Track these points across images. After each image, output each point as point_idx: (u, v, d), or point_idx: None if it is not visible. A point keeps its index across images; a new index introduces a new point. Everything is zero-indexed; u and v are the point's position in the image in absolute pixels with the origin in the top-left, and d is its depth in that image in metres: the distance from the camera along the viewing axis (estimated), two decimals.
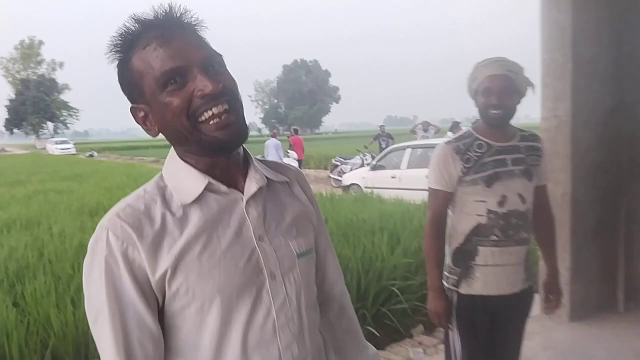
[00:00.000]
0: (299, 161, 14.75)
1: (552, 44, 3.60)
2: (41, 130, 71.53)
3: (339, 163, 15.22)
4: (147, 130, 0.92)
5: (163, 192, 0.91)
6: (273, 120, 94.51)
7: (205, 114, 0.83)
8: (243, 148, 0.96)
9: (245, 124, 0.89)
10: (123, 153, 40.65)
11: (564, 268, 3.73)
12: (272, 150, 14.31)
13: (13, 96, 70.67)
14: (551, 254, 2.29)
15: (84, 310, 0.87)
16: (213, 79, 0.83)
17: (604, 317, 3.83)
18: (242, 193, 0.92)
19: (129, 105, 0.92)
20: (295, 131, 16.33)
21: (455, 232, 2.08)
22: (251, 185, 0.92)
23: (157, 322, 0.86)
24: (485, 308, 2.04)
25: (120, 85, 0.91)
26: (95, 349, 0.87)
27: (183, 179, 0.91)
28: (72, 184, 12.71)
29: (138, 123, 0.92)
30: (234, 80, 0.88)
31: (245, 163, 0.96)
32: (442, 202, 2.08)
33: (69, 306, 3.16)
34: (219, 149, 0.87)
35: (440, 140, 11.10)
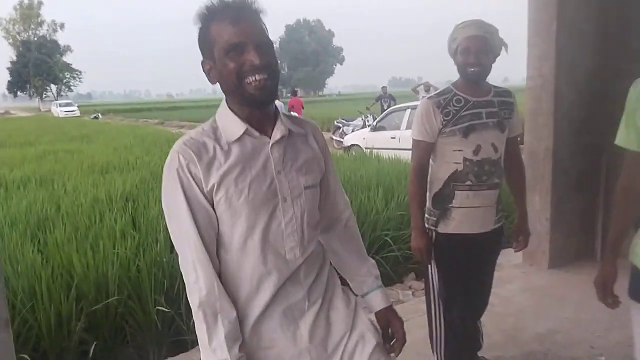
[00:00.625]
0: None
1: (538, 3, 3.76)
2: (45, 92, 71.41)
3: (341, 125, 15.37)
4: (209, 79, 1.27)
5: (215, 131, 1.27)
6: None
7: (250, 77, 1.18)
8: (275, 106, 1.31)
9: (276, 90, 1.25)
10: (127, 115, 40.81)
11: (544, 218, 4.01)
12: None
13: (15, 58, 70.27)
14: (521, 199, 2.55)
15: (103, 255, 1.22)
16: (262, 57, 1.18)
17: (581, 265, 4.11)
18: (270, 138, 1.28)
19: (133, 68, 1.24)
20: (294, 93, 16.49)
21: (436, 178, 2.34)
22: (277, 133, 1.28)
23: (214, 215, 1.24)
24: (461, 245, 2.32)
25: (198, 43, 1.26)
26: (117, 287, 1.19)
27: (229, 123, 1.27)
28: (80, 145, 13.02)
29: (204, 72, 1.27)
30: (275, 58, 1.24)
31: (275, 117, 1.31)
32: (424, 151, 2.33)
33: (88, 252, 3.47)
34: (254, 103, 1.22)
35: None
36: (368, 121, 13.80)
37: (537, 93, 3.86)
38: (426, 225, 2.38)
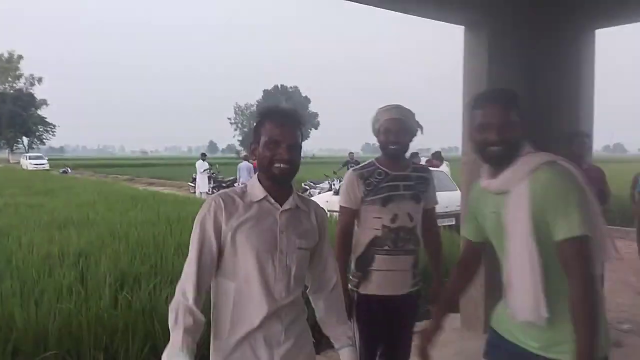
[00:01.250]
0: None
1: (471, 89, 4.17)
2: (16, 144, 70.55)
3: (308, 187, 15.68)
4: (250, 156, 1.78)
5: (244, 191, 1.72)
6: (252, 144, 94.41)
7: (277, 163, 1.64)
8: (291, 185, 1.75)
9: (293, 176, 1.70)
10: (98, 170, 40.44)
11: (479, 285, 4.22)
12: (244, 172, 14.83)
13: None
14: (437, 264, 2.77)
15: (46, 309, 1.45)
16: (289, 154, 1.64)
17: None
18: (281, 207, 1.70)
19: (107, 122, 1.54)
20: None
21: (359, 242, 2.56)
22: (287, 204, 1.71)
23: (216, 249, 1.64)
24: (379, 306, 2.50)
25: (253, 129, 1.74)
26: (56, 341, 1.39)
27: (255, 189, 1.71)
28: (43, 199, 12.90)
29: (249, 151, 1.78)
30: (299, 156, 1.69)
31: (289, 193, 1.74)
32: (348, 217, 2.56)
33: (32, 305, 3.51)
34: (276, 180, 1.67)
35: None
36: (334, 185, 14.13)
37: (471, 167, 4.18)
38: (349, 286, 2.57)
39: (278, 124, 1.66)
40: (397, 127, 2.48)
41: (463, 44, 4.23)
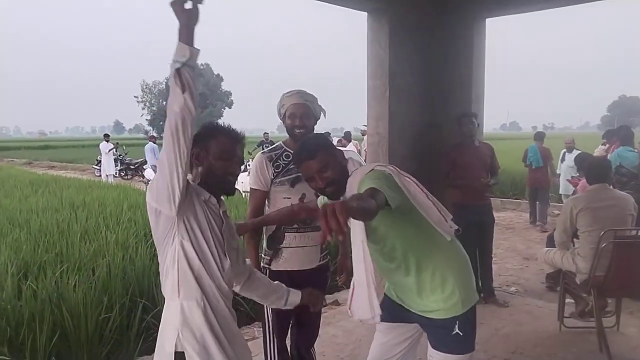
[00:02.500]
0: None
1: (374, 73, 4.39)
2: None
3: None
4: (194, 162, 1.84)
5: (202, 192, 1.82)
6: (161, 123, 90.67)
7: (230, 177, 1.87)
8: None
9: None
10: None
11: None
12: (150, 154, 14.45)
13: None
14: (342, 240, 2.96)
15: None
16: (238, 168, 1.88)
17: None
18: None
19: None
20: None
21: None
22: (222, 207, 1.86)
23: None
24: (290, 280, 2.61)
25: (200, 136, 1.84)
26: None
27: (201, 190, 1.81)
28: None
29: (192, 156, 1.76)
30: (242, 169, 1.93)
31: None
32: (259, 199, 2.67)
33: None
34: (222, 193, 1.88)
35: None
36: (248, 166, 14.12)
37: (375, 149, 4.44)
38: (262, 264, 2.69)
39: (235, 140, 1.85)
40: (301, 111, 2.62)
41: (366, 30, 4.42)
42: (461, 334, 2.03)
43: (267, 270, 2.67)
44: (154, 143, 14.64)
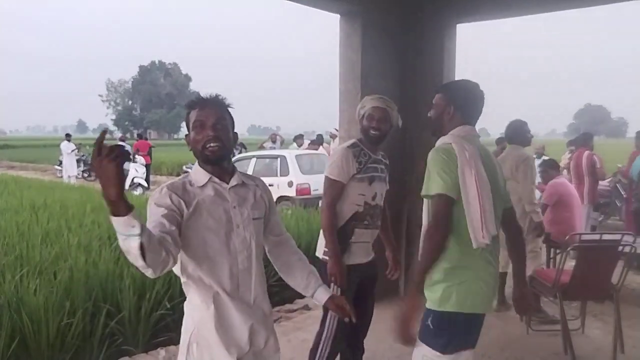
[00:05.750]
0: (147, 165, 14.53)
1: (346, 76, 4.39)
2: None
3: (189, 170, 15.25)
4: (189, 147, 1.80)
5: (190, 179, 1.79)
6: (127, 123, 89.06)
7: (207, 144, 1.73)
8: (233, 166, 1.85)
9: (227, 153, 1.79)
10: None
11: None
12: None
13: None
14: (390, 237, 3.13)
15: None
16: (215, 131, 1.73)
17: (389, 301, 4.66)
18: (228, 185, 1.80)
19: None
20: (140, 136, 16.26)
21: (340, 217, 2.75)
22: (232, 181, 1.82)
23: (179, 222, 1.67)
24: (354, 272, 2.78)
25: (185, 122, 1.82)
26: None
27: (198, 175, 1.79)
28: None
29: (187, 143, 1.82)
30: (227, 132, 1.77)
31: (233, 172, 1.84)
32: (338, 190, 2.74)
33: None
34: (210, 161, 1.77)
35: (284, 151, 11.45)
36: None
37: None
38: (321, 256, 2.80)
39: (201, 107, 1.75)
40: (379, 115, 2.75)
41: (339, 33, 4.42)
42: (431, 327, 2.07)
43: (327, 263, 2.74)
44: (124, 143, 14.28)
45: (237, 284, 1.77)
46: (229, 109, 1.83)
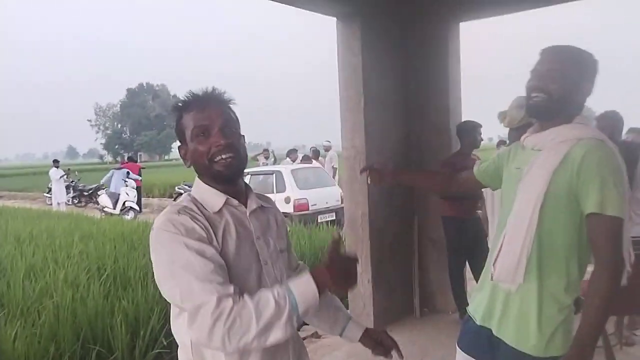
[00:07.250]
0: (138, 188, 14.23)
1: (347, 82, 4.07)
2: None
3: (183, 191, 14.92)
4: (185, 162, 1.37)
5: (196, 203, 1.31)
6: (117, 146, 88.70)
7: (218, 156, 1.28)
8: (245, 183, 1.42)
9: (243, 167, 1.36)
10: None
11: (366, 280, 4.17)
12: (118, 178, 14.17)
13: None
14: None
15: None
16: (226, 138, 1.29)
17: (403, 323, 4.34)
18: (246, 208, 1.37)
19: None
20: (130, 158, 16.14)
21: None
22: (252, 204, 1.39)
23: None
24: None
25: (175, 131, 1.38)
26: None
27: (209, 196, 1.33)
28: None
29: (181, 157, 1.38)
30: (239, 137, 1.34)
31: (246, 191, 1.41)
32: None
33: None
34: (223, 179, 1.32)
35: (279, 167, 11.15)
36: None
37: (352, 162, 4.10)
38: None
39: (199, 108, 1.31)
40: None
41: (336, 36, 4.12)
42: None
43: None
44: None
45: (272, 350, 1.29)
46: (232, 106, 1.39)
